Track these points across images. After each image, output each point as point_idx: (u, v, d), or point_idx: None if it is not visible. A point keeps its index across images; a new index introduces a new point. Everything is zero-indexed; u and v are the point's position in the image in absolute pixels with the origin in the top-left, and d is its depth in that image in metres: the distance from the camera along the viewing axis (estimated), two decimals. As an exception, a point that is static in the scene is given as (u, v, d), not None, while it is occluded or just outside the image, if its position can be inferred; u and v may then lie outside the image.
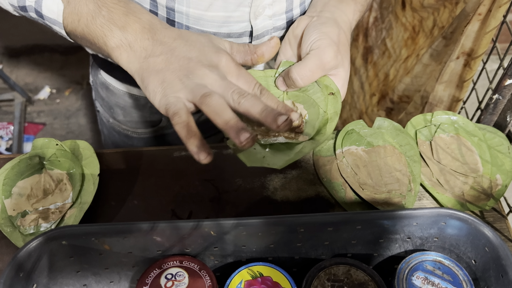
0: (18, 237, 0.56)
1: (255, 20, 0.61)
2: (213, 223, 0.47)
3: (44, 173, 0.61)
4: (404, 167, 0.63)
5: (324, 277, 0.48)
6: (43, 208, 0.58)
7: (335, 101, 0.56)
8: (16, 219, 0.57)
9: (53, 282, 0.50)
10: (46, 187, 0.60)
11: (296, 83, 0.54)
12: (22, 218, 0.57)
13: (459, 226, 0.49)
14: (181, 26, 0.60)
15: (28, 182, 0.60)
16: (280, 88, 0.56)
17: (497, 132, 0.68)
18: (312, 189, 0.64)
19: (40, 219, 0.57)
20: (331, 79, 0.57)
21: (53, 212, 0.58)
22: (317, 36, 0.54)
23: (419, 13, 0.98)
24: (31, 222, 0.56)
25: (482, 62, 0.77)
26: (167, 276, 0.48)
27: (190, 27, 0.60)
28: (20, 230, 0.56)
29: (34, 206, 0.58)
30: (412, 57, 1.03)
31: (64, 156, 0.62)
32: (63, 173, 0.61)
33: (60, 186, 0.60)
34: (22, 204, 0.58)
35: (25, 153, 0.63)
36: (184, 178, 0.65)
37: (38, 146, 0.63)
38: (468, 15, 0.77)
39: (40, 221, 0.56)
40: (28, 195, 0.59)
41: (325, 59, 0.53)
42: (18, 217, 0.57)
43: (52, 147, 0.63)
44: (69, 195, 0.59)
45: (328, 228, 0.49)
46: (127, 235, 0.48)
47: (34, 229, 0.56)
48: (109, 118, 0.80)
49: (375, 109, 1.16)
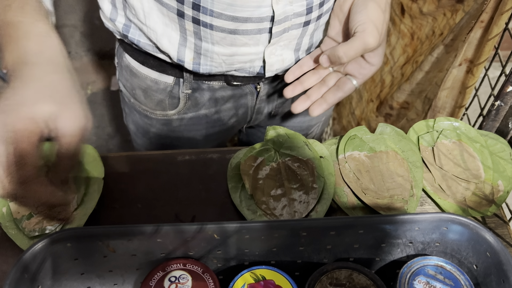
0: (23, 240, 0.56)
1: (277, 4, 0.62)
2: (216, 226, 0.48)
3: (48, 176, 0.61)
4: (406, 173, 0.63)
5: (326, 281, 0.48)
6: (48, 211, 0.58)
7: (327, 163, 0.64)
8: (21, 222, 0.57)
9: (58, 284, 0.50)
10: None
11: (342, 60, 0.61)
12: (27, 220, 0.57)
13: (461, 231, 0.50)
14: (205, 10, 0.60)
15: None
16: (324, 64, 0.64)
17: (499, 139, 0.68)
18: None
19: (45, 221, 0.57)
20: (322, 145, 0.67)
21: (57, 215, 0.58)
22: (362, 19, 0.61)
23: (418, 20, 0.99)
24: (36, 225, 0.57)
25: (484, 69, 0.77)
26: (170, 279, 0.48)
27: (214, 11, 0.61)
28: (25, 232, 0.56)
29: (39, 209, 0.58)
30: (409, 64, 1.04)
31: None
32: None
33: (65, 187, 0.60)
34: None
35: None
36: (187, 182, 0.65)
37: (45, 149, 0.64)
38: (470, 23, 0.77)
39: (45, 224, 0.57)
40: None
41: (369, 44, 0.60)
42: (23, 220, 0.57)
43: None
44: (73, 198, 0.59)
45: (330, 232, 0.50)
46: (131, 237, 0.48)
47: (39, 232, 0.56)
48: (131, 98, 0.82)
49: (373, 115, 1.17)
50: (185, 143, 0.86)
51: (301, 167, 0.63)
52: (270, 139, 0.66)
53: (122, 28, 0.69)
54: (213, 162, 0.68)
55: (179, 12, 0.62)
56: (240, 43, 0.65)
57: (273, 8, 0.62)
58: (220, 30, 0.63)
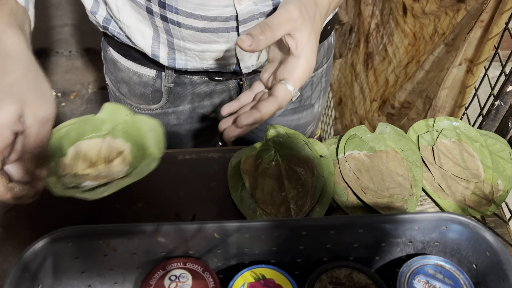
0: (60, 188, 0.53)
1: (239, 5, 0.62)
2: (216, 225, 0.48)
3: (107, 139, 0.58)
4: (406, 172, 0.64)
5: (326, 280, 0.49)
6: (93, 174, 0.55)
7: (327, 162, 0.63)
8: (64, 177, 0.54)
9: (58, 283, 0.50)
10: (104, 154, 0.56)
11: (265, 29, 0.51)
12: (70, 178, 0.54)
13: (460, 231, 0.50)
14: (171, 8, 0.61)
15: (87, 144, 0.56)
16: (245, 43, 0.50)
17: (498, 138, 0.68)
18: (315, 193, 0.64)
19: (86, 179, 0.54)
20: (322, 144, 0.65)
21: (101, 178, 0.55)
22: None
23: (420, 20, 0.99)
24: (77, 180, 0.54)
25: (484, 69, 0.77)
26: (170, 278, 0.48)
27: (179, 9, 0.61)
28: (64, 182, 0.53)
29: (85, 171, 0.55)
30: (412, 63, 1.04)
31: (131, 128, 0.58)
32: (126, 145, 0.57)
33: (119, 158, 0.57)
34: (74, 166, 0.55)
35: (92, 114, 0.59)
36: (188, 181, 0.65)
37: (108, 110, 0.59)
38: (471, 22, 0.77)
39: (84, 180, 0.54)
40: (83, 158, 0.56)
41: (290, 10, 0.52)
42: (67, 177, 0.54)
43: (122, 115, 0.59)
44: (123, 168, 0.56)
45: (330, 231, 0.50)
46: (132, 236, 0.48)
47: (76, 185, 0.54)
48: (116, 91, 0.83)
49: (376, 115, 1.17)
50: (169, 138, 0.86)
51: (301, 166, 0.63)
52: (270, 139, 0.66)
53: (102, 21, 0.71)
54: (213, 161, 0.68)
55: (148, 9, 0.63)
56: (210, 40, 0.66)
57: (236, 8, 0.62)
58: (187, 27, 0.63)
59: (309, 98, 0.88)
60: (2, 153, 0.46)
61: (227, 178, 0.64)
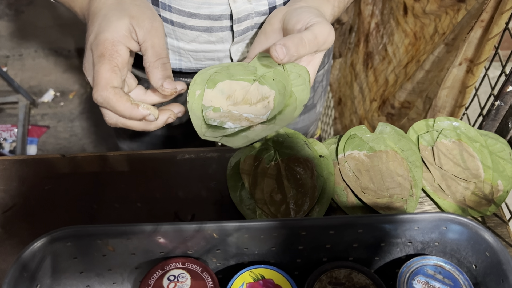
0: (200, 122, 0.53)
1: (234, 3, 0.61)
2: (215, 225, 0.48)
3: (254, 84, 0.57)
4: (406, 172, 0.63)
5: (325, 280, 0.48)
6: (236, 113, 0.54)
7: (326, 162, 0.63)
8: (207, 109, 0.54)
9: (57, 283, 0.50)
10: (249, 96, 0.56)
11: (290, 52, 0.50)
12: (213, 112, 0.54)
13: (460, 231, 0.50)
14: (164, 6, 0.61)
15: (235, 84, 0.56)
16: (278, 55, 0.50)
17: (498, 138, 0.68)
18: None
19: (229, 118, 0.54)
20: (321, 144, 0.64)
21: (244, 119, 0.54)
22: (312, 16, 0.52)
23: (421, 19, 0.99)
24: (219, 118, 0.54)
25: (484, 69, 0.77)
26: (169, 278, 0.48)
27: (172, 6, 0.61)
28: (205, 117, 0.53)
29: (229, 108, 0.55)
30: (412, 63, 1.04)
31: (278, 76, 0.57)
32: (272, 92, 0.57)
33: (263, 102, 0.56)
34: (219, 100, 0.55)
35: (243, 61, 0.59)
36: (187, 181, 0.65)
37: (261, 58, 0.58)
38: (471, 22, 0.77)
39: (227, 119, 0.54)
40: (229, 96, 0.56)
41: (324, 36, 0.51)
42: (209, 109, 0.54)
43: (273, 64, 0.58)
44: (266, 113, 0.55)
45: (329, 231, 0.50)
46: (131, 236, 0.48)
47: (219, 124, 0.53)
48: None
49: (376, 115, 1.17)
50: (167, 140, 0.86)
51: (300, 166, 0.63)
52: (269, 138, 0.66)
53: None
54: (212, 161, 0.68)
55: None
56: (203, 40, 0.65)
57: (230, 6, 0.62)
58: (181, 26, 0.63)
59: (311, 98, 0.88)
60: (121, 71, 0.50)
61: (226, 178, 0.64)
